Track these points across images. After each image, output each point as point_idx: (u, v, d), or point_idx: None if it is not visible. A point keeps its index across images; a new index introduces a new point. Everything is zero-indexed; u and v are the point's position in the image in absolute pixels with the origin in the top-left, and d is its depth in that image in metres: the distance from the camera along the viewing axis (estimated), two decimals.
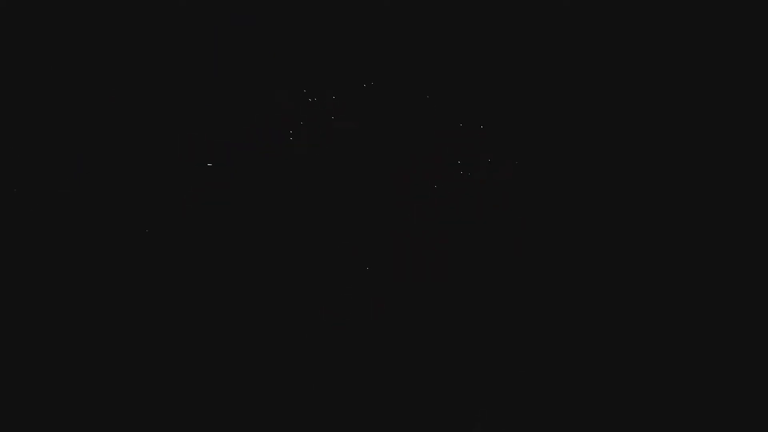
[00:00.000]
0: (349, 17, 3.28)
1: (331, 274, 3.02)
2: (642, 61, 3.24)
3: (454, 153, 3.08)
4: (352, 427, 2.91)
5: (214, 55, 3.25)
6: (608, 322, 3.05)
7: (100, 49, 3.18)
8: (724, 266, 3.06)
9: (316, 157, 3.10)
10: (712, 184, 3.14)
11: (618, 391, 2.98)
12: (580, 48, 3.25)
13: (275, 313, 2.97)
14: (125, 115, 3.15)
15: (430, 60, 3.22)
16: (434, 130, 3.12)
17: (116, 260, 2.99)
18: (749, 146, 3.14)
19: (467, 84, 3.17)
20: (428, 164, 3.04)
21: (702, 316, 3.04)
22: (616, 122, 3.20)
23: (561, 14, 3.27)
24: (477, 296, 3.01)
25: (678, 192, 3.15)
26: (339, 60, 3.24)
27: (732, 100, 3.19)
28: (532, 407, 2.98)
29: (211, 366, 2.94)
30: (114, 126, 3.13)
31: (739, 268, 3.05)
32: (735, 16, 3.20)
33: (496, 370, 2.97)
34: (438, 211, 2.91)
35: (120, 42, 3.20)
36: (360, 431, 2.92)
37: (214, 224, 3.05)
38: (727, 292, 3.04)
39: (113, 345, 2.93)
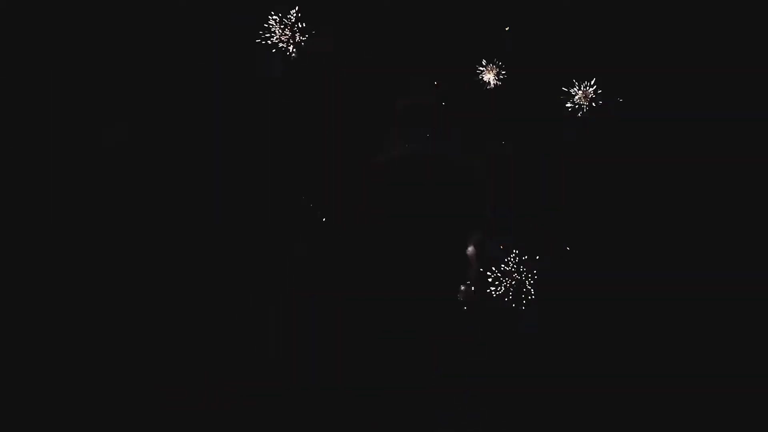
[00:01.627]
0: (348, 17, 3.28)
1: (330, 273, 3.00)
2: (641, 61, 3.24)
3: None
4: (351, 426, 2.89)
5: (213, 54, 3.25)
6: (608, 322, 3.04)
7: (100, 49, 3.18)
8: (724, 266, 3.05)
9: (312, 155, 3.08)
10: (711, 184, 3.13)
11: (616, 393, 2.97)
12: (580, 47, 3.26)
13: (273, 311, 2.96)
14: (124, 113, 3.15)
15: (428, 58, 3.22)
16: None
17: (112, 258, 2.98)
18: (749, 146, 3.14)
19: (466, 83, 3.18)
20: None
21: (701, 316, 3.03)
22: (616, 121, 3.20)
23: (561, 14, 3.27)
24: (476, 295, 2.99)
25: (678, 192, 3.14)
26: (338, 59, 3.24)
27: (733, 100, 3.19)
28: (532, 407, 2.96)
29: (205, 361, 2.93)
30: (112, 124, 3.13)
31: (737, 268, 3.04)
32: (735, 16, 3.20)
33: (494, 370, 2.96)
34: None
35: (119, 42, 3.20)
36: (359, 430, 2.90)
37: (211, 222, 3.04)
38: (725, 293, 3.03)
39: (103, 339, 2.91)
